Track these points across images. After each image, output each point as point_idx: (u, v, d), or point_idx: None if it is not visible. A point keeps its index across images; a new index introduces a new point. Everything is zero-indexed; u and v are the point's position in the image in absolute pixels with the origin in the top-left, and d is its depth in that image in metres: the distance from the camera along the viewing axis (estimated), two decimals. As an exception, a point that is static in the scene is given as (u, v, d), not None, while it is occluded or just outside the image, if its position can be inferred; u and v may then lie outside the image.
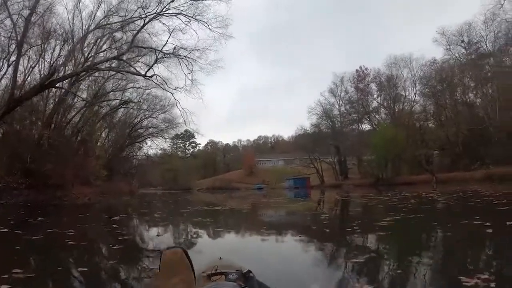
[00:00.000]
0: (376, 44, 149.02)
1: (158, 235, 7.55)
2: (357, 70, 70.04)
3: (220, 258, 2.81)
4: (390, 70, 63.01)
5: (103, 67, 33.40)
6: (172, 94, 37.09)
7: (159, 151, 74.24)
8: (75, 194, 29.51)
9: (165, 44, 34.24)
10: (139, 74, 35.43)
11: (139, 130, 60.34)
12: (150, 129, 60.12)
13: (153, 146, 62.64)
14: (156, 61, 33.96)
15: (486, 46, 50.33)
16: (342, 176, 71.37)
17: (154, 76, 34.41)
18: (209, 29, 33.46)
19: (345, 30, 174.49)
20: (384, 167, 56.05)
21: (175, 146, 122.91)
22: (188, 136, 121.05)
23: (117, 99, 48.81)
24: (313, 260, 4.93)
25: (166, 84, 35.80)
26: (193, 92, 36.21)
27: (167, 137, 60.66)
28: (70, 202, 24.23)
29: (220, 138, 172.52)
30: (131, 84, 46.36)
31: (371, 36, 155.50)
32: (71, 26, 33.95)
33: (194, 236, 7.99)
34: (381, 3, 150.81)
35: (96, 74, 39.11)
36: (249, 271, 2.12)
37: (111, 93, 47.24)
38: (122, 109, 54.40)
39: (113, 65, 35.21)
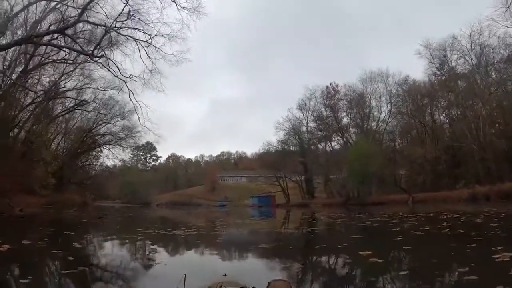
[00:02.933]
0: (357, 61, 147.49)
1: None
2: (327, 87, 67.84)
3: (225, 275, 2.84)
4: (365, 86, 60.81)
5: (44, 40, 29.45)
6: (125, 82, 33.67)
7: (119, 163, 70.01)
8: (9, 204, 25.47)
9: (119, 15, 30.19)
10: (84, 52, 31.29)
11: (96, 137, 55.78)
12: (108, 136, 55.79)
13: (110, 156, 57.62)
14: (104, 36, 29.85)
15: (471, 60, 48.28)
16: (309, 195, 68.64)
17: (105, 59, 30.90)
18: (176, 3, 30.46)
19: (321, 47, 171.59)
20: (357, 185, 53.01)
21: (135, 158, 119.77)
22: (149, 148, 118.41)
23: (72, 98, 44.79)
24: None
25: (119, 70, 32.48)
26: (152, 83, 33.15)
27: (125, 146, 56.02)
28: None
29: (182, 152, 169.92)
30: (88, 82, 42.75)
31: (351, 53, 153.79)
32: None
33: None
34: (364, 18, 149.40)
35: (49, 69, 35.47)
36: None
37: (67, 93, 43.49)
38: (77, 113, 50.77)
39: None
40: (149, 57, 32.10)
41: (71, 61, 36.84)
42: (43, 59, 35.90)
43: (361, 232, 9.50)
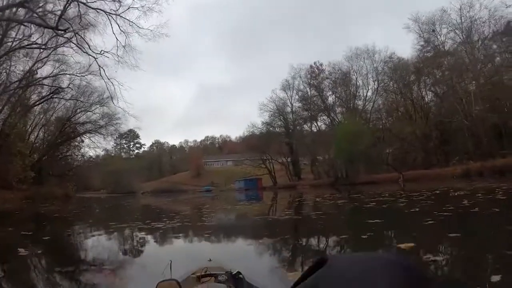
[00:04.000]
0: (345, 40, 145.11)
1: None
2: (311, 66, 66.22)
3: (210, 260, 2.63)
4: (350, 63, 59.51)
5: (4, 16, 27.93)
6: (95, 58, 32.71)
7: (101, 152, 68.41)
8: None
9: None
10: (47, 26, 29.25)
11: (75, 126, 54.00)
12: (88, 125, 54.00)
13: (92, 145, 55.81)
14: (68, 5, 28.52)
15: (462, 34, 47.10)
16: (296, 177, 67.82)
17: (72, 34, 29.57)
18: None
19: (309, 27, 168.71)
20: (345, 165, 51.87)
21: (118, 147, 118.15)
22: (132, 136, 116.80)
23: (47, 85, 43.04)
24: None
25: (89, 46, 31.16)
26: (126, 59, 32.01)
27: (105, 134, 53.89)
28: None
29: (167, 139, 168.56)
30: (64, 69, 41.14)
31: (340, 32, 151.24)
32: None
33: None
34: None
35: (21, 56, 33.92)
36: (239, 273, 2.05)
37: (42, 81, 41.83)
38: (55, 103, 49.23)
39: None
40: (122, 31, 31.00)
41: (43, 46, 35.24)
42: (13, 44, 34.25)
43: (374, 215, 7.94)
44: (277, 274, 3.91)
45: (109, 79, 34.10)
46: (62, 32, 28.87)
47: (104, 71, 33.68)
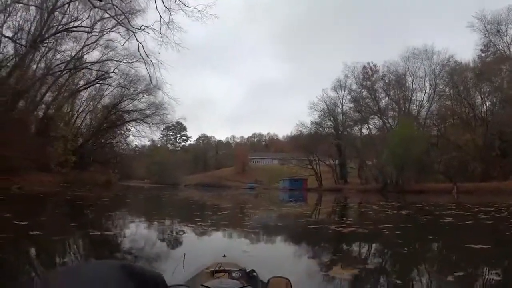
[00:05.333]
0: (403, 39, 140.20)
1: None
2: (364, 66, 63.92)
3: (224, 256, 2.58)
4: (407, 64, 56.84)
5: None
6: (134, 33, 31.78)
7: (148, 142, 68.54)
8: (13, 181, 23.38)
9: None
10: None
11: (121, 114, 54.10)
12: (134, 114, 53.89)
13: (137, 135, 55.84)
14: None
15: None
16: (342, 180, 65.73)
17: (112, 10, 28.79)
18: None
19: (365, 25, 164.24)
20: (397, 171, 49.28)
21: (165, 138, 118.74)
22: (179, 128, 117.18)
23: (93, 69, 42.70)
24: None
25: (128, 19, 30.34)
26: (168, 36, 31.18)
27: (150, 123, 53.87)
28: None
29: (213, 133, 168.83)
30: (112, 56, 40.71)
31: (397, 31, 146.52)
32: None
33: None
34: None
35: (68, 41, 33.43)
36: (253, 270, 2.02)
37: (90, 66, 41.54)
38: (103, 90, 49.35)
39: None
40: (166, 8, 30.01)
41: (88, 28, 34.65)
42: (59, 27, 33.72)
43: (469, 236, 6.56)
44: None
45: (147, 55, 33.16)
46: (100, 2, 28.00)
47: (143, 47, 32.83)
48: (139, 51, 34.27)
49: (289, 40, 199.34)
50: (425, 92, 56.63)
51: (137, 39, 33.07)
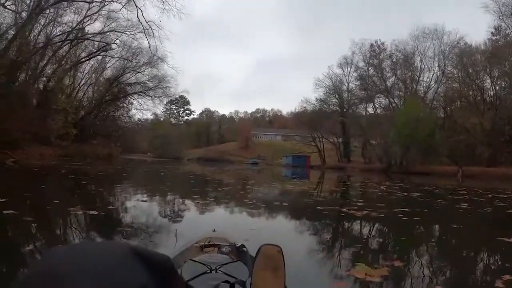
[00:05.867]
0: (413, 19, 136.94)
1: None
2: (372, 45, 62.73)
3: (214, 230, 2.62)
4: (416, 43, 55.77)
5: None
6: None
7: (150, 116, 68.27)
8: (10, 155, 22.94)
9: None
10: None
11: (123, 86, 53.61)
12: (136, 87, 53.44)
13: (139, 108, 55.57)
14: None
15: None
16: (346, 159, 65.20)
17: None
18: None
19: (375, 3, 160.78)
20: (402, 152, 48.54)
21: (168, 112, 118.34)
22: (182, 102, 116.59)
23: (94, 40, 42.11)
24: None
25: None
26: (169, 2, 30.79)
27: (152, 96, 53.64)
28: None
29: (217, 108, 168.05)
30: (113, 27, 40.06)
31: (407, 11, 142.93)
32: None
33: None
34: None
35: (69, 12, 32.73)
36: (243, 245, 1.99)
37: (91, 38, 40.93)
38: (105, 62, 48.82)
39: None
40: None
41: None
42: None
43: (497, 224, 6.16)
44: None
45: (146, 21, 32.68)
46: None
47: (142, 12, 32.49)
48: (137, 16, 33.67)
49: (297, 16, 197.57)
50: (433, 73, 55.69)
51: (136, 4, 32.45)
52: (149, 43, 36.06)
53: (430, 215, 7.74)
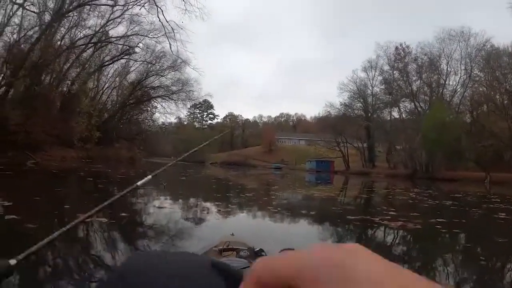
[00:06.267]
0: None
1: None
2: (396, 48, 61.90)
3: (232, 234, 2.67)
4: (442, 46, 54.74)
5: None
6: None
7: (174, 120, 68.59)
8: (31, 157, 22.96)
9: None
10: None
11: (146, 90, 53.83)
12: (160, 91, 53.55)
13: (162, 111, 55.90)
14: None
15: None
16: (371, 164, 64.30)
17: None
18: None
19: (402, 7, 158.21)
20: (429, 157, 47.49)
21: (192, 116, 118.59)
22: (206, 106, 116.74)
23: (118, 43, 42.28)
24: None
25: None
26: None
27: (176, 99, 53.91)
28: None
29: (240, 112, 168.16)
30: (136, 31, 40.18)
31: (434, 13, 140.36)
32: None
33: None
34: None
35: (92, 15, 32.88)
36: (261, 250, 2.02)
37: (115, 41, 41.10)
38: (129, 66, 49.11)
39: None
40: None
41: (111, 1, 34.07)
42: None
43: None
44: None
45: (167, 21, 32.65)
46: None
47: (162, 12, 32.39)
48: (158, 16, 33.65)
49: (323, 20, 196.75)
50: (460, 76, 54.69)
51: (156, 3, 32.52)
52: (169, 43, 36.14)
53: (469, 227, 7.24)
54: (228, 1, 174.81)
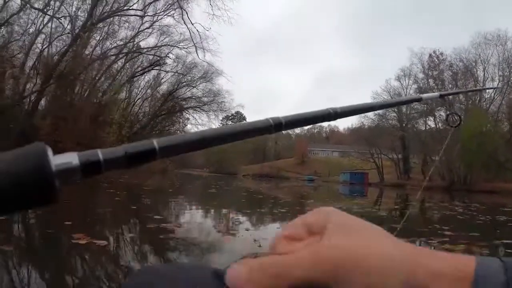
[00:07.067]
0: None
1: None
2: (430, 55, 60.49)
3: (260, 246, 3.09)
4: (477, 51, 53.30)
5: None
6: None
7: (206, 131, 68.63)
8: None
9: None
10: None
11: (177, 101, 53.97)
12: (191, 102, 53.66)
13: (194, 123, 55.85)
14: None
15: None
16: (406, 176, 62.88)
17: None
18: None
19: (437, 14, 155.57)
20: (468, 168, 46.05)
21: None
22: (238, 118, 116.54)
23: (148, 54, 42.28)
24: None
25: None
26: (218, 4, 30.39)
27: (207, 110, 53.95)
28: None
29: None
30: (167, 42, 40.22)
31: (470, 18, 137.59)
32: None
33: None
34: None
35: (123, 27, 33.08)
36: None
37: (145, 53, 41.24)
38: (160, 77, 49.34)
39: None
40: None
41: (140, 11, 34.17)
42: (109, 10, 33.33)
43: None
44: None
45: (192, 23, 32.56)
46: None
47: (187, 14, 32.36)
48: (182, 18, 33.63)
49: (355, 29, 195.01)
50: (498, 82, 52.92)
51: (180, 5, 32.55)
52: (195, 45, 36.05)
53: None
54: (260, 13, 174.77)
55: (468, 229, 8.23)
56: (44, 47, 29.84)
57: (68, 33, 28.79)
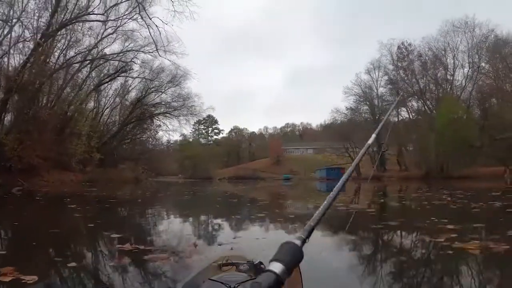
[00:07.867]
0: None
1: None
2: (398, 47, 60.49)
3: (231, 249, 2.93)
4: (446, 40, 53.47)
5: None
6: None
7: (179, 137, 68.14)
8: (21, 181, 21.87)
9: None
10: None
11: (146, 107, 53.14)
12: (161, 108, 53.21)
13: (165, 129, 55.23)
14: None
15: None
16: (382, 168, 62.83)
17: None
18: None
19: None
20: (444, 156, 45.99)
21: (197, 133, 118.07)
22: (210, 121, 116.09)
23: (113, 59, 41.36)
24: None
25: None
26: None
27: (177, 116, 53.59)
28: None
29: (245, 125, 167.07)
30: (131, 48, 39.40)
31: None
32: None
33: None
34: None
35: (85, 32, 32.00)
36: (260, 263, 1.84)
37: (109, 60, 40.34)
38: (127, 84, 48.43)
39: None
40: None
41: (102, 16, 33.21)
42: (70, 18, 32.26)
43: None
44: None
45: (150, 18, 31.83)
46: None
47: (143, 8, 31.84)
48: (140, 14, 32.81)
49: (323, 27, 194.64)
50: (468, 69, 53.36)
51: (138, 2, 31.82)
52: (153, 39, 35.31)
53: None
54: (229, 12, 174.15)
55: (470, 220, 7.29)
56: (1, 56, 28.61)
57: (28, 40, 27.61)
